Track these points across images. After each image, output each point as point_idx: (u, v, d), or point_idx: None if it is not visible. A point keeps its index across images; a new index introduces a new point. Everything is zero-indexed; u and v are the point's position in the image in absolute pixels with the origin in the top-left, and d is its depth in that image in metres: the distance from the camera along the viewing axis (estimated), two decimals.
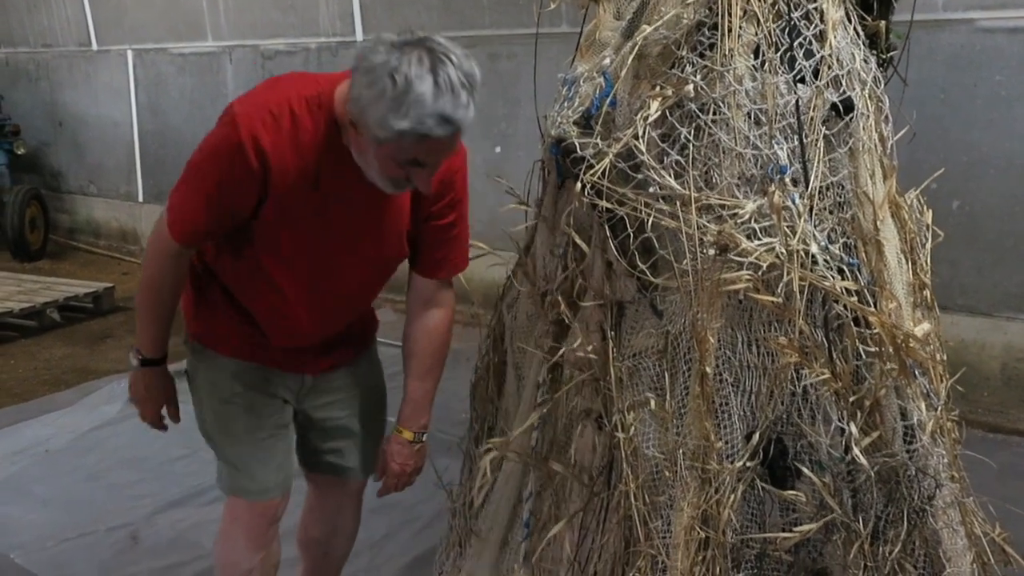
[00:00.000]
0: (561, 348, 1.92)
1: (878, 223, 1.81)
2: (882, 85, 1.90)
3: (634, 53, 1.83)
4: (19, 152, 7.57)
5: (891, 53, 2.03)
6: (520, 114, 5.14)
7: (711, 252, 1.67)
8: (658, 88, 1.81)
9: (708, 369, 1.68)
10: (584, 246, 1.88)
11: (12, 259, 7.20)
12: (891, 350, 1.72)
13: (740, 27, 1.77)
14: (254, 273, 1.80)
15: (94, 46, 7.74)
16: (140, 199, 7.62)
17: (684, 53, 1.82)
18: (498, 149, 5.36)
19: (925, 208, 2.01)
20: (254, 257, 1.78)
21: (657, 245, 1.76)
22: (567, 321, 1.91)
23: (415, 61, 1.46)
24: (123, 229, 7.81)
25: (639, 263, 1.77)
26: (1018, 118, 3.90)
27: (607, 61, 1.97)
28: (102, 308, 5.81)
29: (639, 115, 1.79)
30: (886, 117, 1.91)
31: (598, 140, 1.85)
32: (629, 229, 1.78)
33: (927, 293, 1.93)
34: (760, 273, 1.65)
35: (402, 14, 5.49)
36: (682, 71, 1.80)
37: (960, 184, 3.95)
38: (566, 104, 2.04)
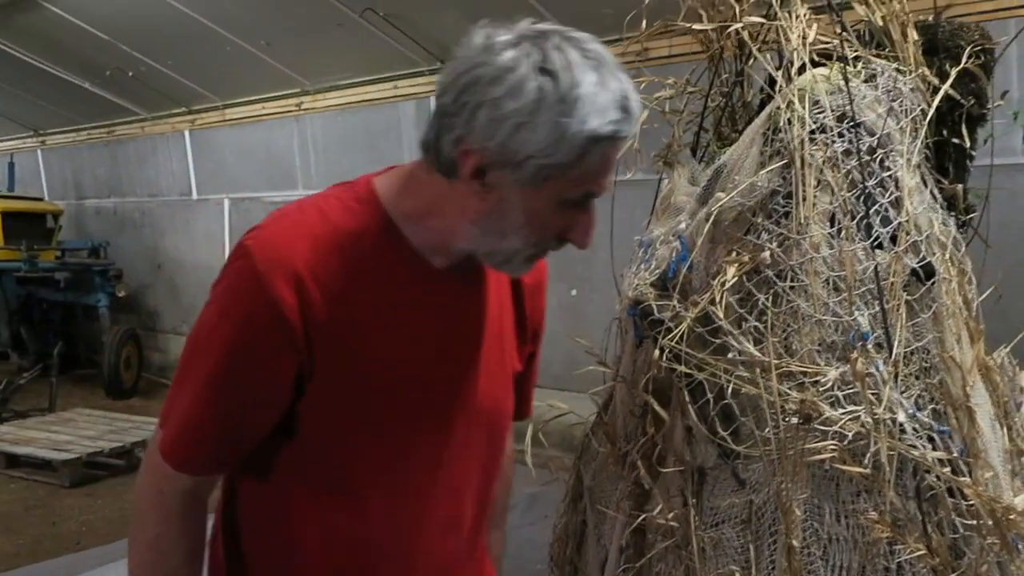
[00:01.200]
0: (642, 513, 1.89)
1: (967, 388, 1.76)
2: (963, 248, 1.89)
3: (711, 219, 1.88)
4: (120, 295, 8.03)
5: (971, 215, 2.02)
6: (596, 258, 5.21)
7: (794, 421, 1.65)
8: (734, 254, 1.84)
9: (795, 542, 1.63)
10: (662, 412, 1.87)
11: (106, 396, 7.50)
12: (990, 523, 1.64)
13: (815, 196, 1.81)
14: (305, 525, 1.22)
15: (194, 195, 8.30)
16: None
17: (759, 220, 1.86)
18: (574, 292, 5.43)
19: (1017, 369, 1.96)
20: (306, 489, 1.22)
21: (738, 412, 1.75)
22: (647, 486, 1.89)
23: (558, 48, 1.06)
24: None
25: (719, 429, 1.75)
26: None
27: (683, 225, 2.02)
28: None
29: (716, 280, 1.81)
30: (969, 279, 1.89)
31: (675, 303, 1.88)
32: (709, 394, 1.77)
33: None
34: (846, 442, 1.62)
35: None
36: (757, 237, 1.83)
37: None
38: (643, 266, 2.08)
